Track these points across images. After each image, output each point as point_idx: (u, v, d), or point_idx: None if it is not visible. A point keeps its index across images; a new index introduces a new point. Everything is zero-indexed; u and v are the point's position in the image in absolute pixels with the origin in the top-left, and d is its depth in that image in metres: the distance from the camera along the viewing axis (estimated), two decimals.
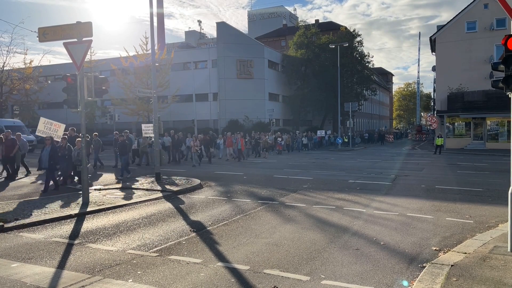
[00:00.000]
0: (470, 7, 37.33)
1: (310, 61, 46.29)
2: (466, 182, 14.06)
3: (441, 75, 38.90)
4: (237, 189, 12.73)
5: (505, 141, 32.56)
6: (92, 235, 7.47)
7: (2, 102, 41.31)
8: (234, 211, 9.49)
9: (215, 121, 42.19)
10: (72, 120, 44.60)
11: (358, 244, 6.71)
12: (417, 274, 5.31)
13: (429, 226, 7.89)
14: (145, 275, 5.36)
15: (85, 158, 10.58)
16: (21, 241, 7.07)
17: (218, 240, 7.06)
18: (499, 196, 11.07)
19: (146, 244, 6.84)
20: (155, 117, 15.09)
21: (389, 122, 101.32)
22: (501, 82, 6.19)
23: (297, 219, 8.60)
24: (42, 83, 45.06)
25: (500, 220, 8.31)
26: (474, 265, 5.43)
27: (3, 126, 28.79)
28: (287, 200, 10.87)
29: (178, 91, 37.31)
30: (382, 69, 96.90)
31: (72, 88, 10.30)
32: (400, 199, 10.84)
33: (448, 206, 9.85)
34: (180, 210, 9.70)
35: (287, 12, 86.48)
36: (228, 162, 22.38)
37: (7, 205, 9.94)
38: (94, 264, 5.81)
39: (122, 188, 12.87)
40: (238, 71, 42.23)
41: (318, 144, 38.47)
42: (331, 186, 13.26)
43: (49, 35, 10.33)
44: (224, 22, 44.87)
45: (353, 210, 9.44)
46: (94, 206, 9.83)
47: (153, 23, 15.10)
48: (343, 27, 53.08)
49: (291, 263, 5.82)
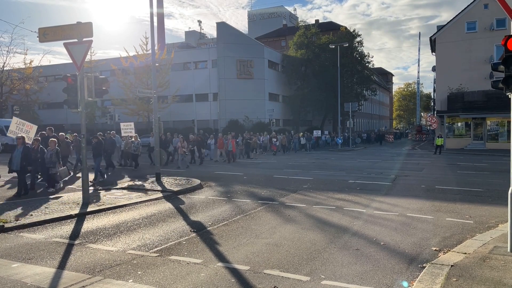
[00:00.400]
0: (470, 7, 37.34)
1: (310, 61, 46.32)
2: (466, 182, 14.06)
3: (441, 75, 38.92)
4: (237, 189, 12.74)
5: (505, 141, 32.58)
6: (92, 235, 7.48)
7: (2, 102, 41.35)
8: (234, 211, 9.49)
9: (215, 121, 42.22)
10: (72, 120, 44.70)
11: (358, 245, 6.71)
12: (417, 274, 5.32)
13: (429, 227, 7.90)
14: (145, 276, 5.37)
15: (85, 157, 10.58)
16: (21, 241, 7.07)
17: (218, 240, 7.07)
18: (499, 196, 11.08)
19: (146, 244, 6.84)
20: (155, 117, 15.11)
21: (389, 122, 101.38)
22: (501, 83, 6.20)
23: (297, 220, 8.61)
24: (42, 83, 45.07)
25: (500, 220, 8.31)
26: (474, 266, 5.43)
27: (3, 126, 28.80)
28: (287, 200, 10.87)
29: (178, 91, 37.37)
30: (382, 69, 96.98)
31: (72, 89, 10.30)
32: (400, 199, 10.85)
33: (448, 206, 9.86)
34: (180, 210, 9.71)
35: (287, 12, 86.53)
36: (225, 163, 22.33)
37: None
38: (95, 265, 5.81)
39: (122, 189, 12.87)
40: (238, 71, 42.26)
41: (315, 145, 37.49)
42: (331, 186, 13.27)
43: (49, 36, 10.34)
44: (224, 22, 44.91)
45: (353, 210, 9.45)
46: (94, 206, 9.84)
47: (153, 23, 15.10)
48: (343, 27, 53.10)
49: (291, 263, 5.82)
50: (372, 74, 57.04)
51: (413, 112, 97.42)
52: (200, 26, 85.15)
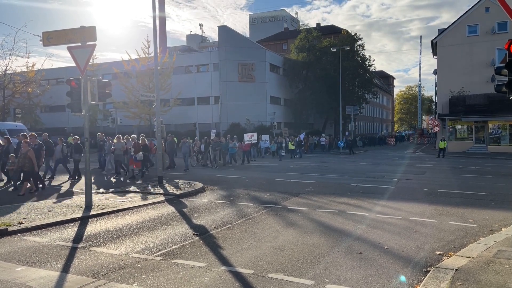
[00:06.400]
0: (472, 10, 37.45)
1: (312, 64, 46.39)
2: (468, 185, 14.04)
3: (443, 78, 38.97)
4: (240, 193, 12.74)
5: (507, 145, 32.56)
6: (96, 238, 7.49)
7: (5, 105, 41.46)
8: (237, 214, 9.50)
9: (216, 125, 42.26)
10: (74, 124, 44.80)
11: (361, 248, 6.71)
12: (422, 278, 5.31)
13: (432, 230, 7.89)
14: (149, 279, 5.38)
15: (88, 160, 10.61)
16: (25, 244, 7.09)
17: (221, 244, 7.07)
18: (502, 200, 11.07)
19: (150, 247, 6.85)
20: (158, 121, 15.14)
21: (390, 125, 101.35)
22: (505, 86, 6.22)
23: (300, 223, 8.61)
24: (44, 87, 45.20)
25: (503, 224, 8.30)
26: (479, 270, 5.42)
27: (6, 130, 28.90)
28: (290, 204, 10.87)
29: (180, 94, 37.42)
30: (384, 73, 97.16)
31: (75, 92, 10.34)
32: (403, 203, 10.84)
33: (451, 210, 9.85)
34: (183, 214, 9.72)
35: (288, 15, 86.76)
36: (223, 166, 22.35)
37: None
38: (99, 268, 5.82)
39: (125, 192, 12.89)
40: (240, 74, 42.35)
41: (311, 149, 35.51)
42: (333, 190, 13.26)
43: (53, 40, 10.40)
44: (225, 26, 45.01)
45: (356, 214, 9.44)
46: (97, 209, 9.85)
47: (156, 27, 15.16)
48: (345, 31, 53.19)
49: (295, 267, 5.82)
50: (373, 77, 57.09)
51: (414, 115, 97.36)
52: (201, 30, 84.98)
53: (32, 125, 42.83)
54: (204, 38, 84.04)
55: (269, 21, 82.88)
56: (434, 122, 40.67)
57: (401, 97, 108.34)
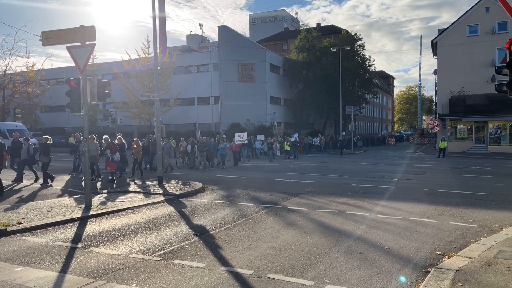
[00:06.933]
0: (472, 10, 37.43)
1: (312, 64, 46.40)
2: (469, 186, 14.02)
3: (443, 78, 38.95)
4: (239, 193, 12.71)
5: (507, 145, 32.54)
6: (95, 239, 7.46)
7: (4, 105, 41.47)
8: (236, 215, 9.47)
9: (216, 125, 42.28)
10: (74, 124, 44.80)
11: (362, 249, 6.68)
12: (422, 279, 5.29)
13: (433, 231, 7.86)
14: (148, 280, 5.35)
15: (87, 161, 10.59)
16: (24, 245, 7.06)
17: (221, 244, 7.04)
18: (503, 200, 11.05)
19: (149, 248, 6.82)
20: (158, 121, 15.12)
21: (390, 125, 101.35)
22: (506, 86, 6.20)
23: (300, 223, 8.58)
24: (44, 87, 45.20)
25: (504, 224, 8.28)
26: (479, 270, 5.40)
27: (6, 130, 28.90)
28: (290, 204, 10.84)
29: (179, 94, 37.42)
30: (384, 73, 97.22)
31: (75, 92, 10.31)
32: (403, 203, 10.81)
33: (452, 210, 9.82)
34: (183, 214, 9.69)
35: (288, 15, 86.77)
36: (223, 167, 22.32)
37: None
38: (98, 268, 5.79)
39: (124, 192, 12.87)
40: (240, 74, 42.35)
41: (307, 150, 34.96)
42: (333, 190, 13.24)
43: (52, 39, 10.37)
44: (225, 26, 45.00)
45: (356, 214, 9.41)
46: (96, 209, 9.82)
47: (156, 27, 15.14)
48: (345, 31, 53.22)
49: (295, 267, 5.80)
50: (373, 77, 57.09)
51: (414, 115, 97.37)
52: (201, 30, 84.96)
53: (32, 125, 42.85)
54: (204, 38, 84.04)
55: (269, 21, 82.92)
56: (434, 122, 40.64)
57: (401, 97, 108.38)
